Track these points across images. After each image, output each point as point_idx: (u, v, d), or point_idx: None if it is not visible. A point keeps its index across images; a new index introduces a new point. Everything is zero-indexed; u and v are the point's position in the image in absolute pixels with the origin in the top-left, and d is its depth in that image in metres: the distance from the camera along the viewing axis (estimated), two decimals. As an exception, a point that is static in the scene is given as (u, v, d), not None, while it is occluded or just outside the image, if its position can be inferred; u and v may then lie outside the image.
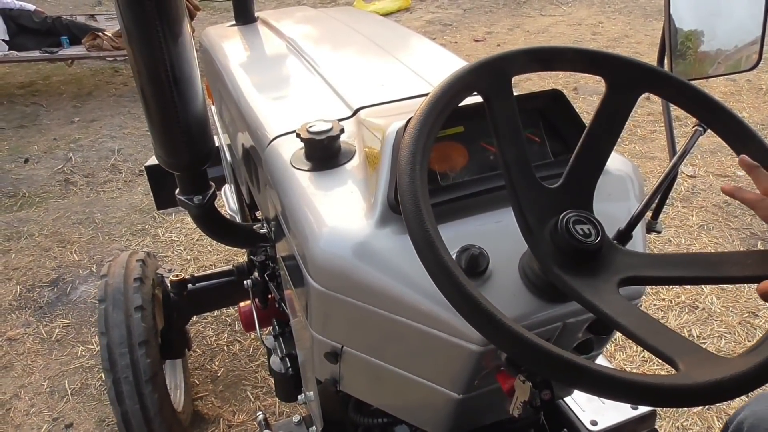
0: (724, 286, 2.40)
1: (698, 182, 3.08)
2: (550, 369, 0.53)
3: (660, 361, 0.57)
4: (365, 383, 0.94)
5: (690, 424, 1.89)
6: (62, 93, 4.49)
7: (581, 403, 1.28)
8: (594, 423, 1.25)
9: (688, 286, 2.42)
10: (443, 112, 0.66)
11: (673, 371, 0.55)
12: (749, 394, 0.57)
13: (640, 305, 0.80)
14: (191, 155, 1.04)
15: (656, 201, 0.86)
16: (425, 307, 0.72)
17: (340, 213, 0.79)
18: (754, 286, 0.62)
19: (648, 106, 3.85)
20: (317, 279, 0.79)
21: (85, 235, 2.83)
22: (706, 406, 1.95)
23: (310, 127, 0.90)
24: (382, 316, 0.76)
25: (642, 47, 5.01)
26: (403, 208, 0.58)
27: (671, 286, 2.42)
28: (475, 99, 0.71)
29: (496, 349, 0.72)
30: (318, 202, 0.82)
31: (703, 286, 2.41)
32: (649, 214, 0.90)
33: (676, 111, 0.84)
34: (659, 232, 0.90)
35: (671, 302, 2.35)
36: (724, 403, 1.92)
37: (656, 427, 1.30)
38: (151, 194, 2.01)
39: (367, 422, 1.02)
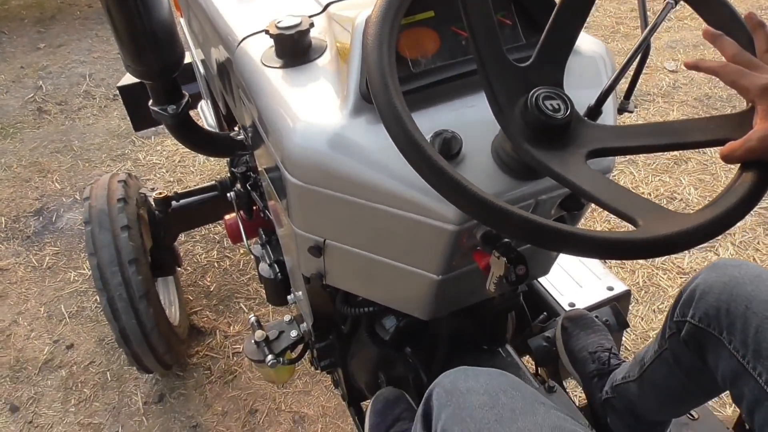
0: (702, 177, 2.46)
1: (680, 77, 3.06)
2: (511, 227, 0.56)
3: None
4: (349, 274, 0.97)
5: (666, 306, 1.99)
6: (23, 18, 4.29)
7: (559, 288, 1.34)
8: (572, 305, 1.31)
9: (667, 179, 2.47)
10: None
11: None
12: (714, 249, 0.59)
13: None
14: (160, 61, 1.02)
15: (629, 80, 0.87)
16: (401, 191, 0.73)
17: (313, 107, 0.79)
18: (731, 175, 0.64)
19: (631, 2, 3.77)
20: (294, 173, 0.80)
21: (65, 163, 2.79)
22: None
23: (278, 23, 0.88)
24: (360, 205, 0.77)
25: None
26: (371, 84, 0.59)
27: (652, 181, 2.46)
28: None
29: (472, 228, 0.75)
30: (291, 97, 0.82)
31: (681, 177, 2.46)
32: (622, 95, 0.91)
33: None
34: (631, 112, 0.90)
35: (650, 195, 2.40)
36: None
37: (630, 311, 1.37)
38: (128, 117, 1.98)
39: (355, 313, 1.06)
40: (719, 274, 0.88)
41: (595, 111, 0.73)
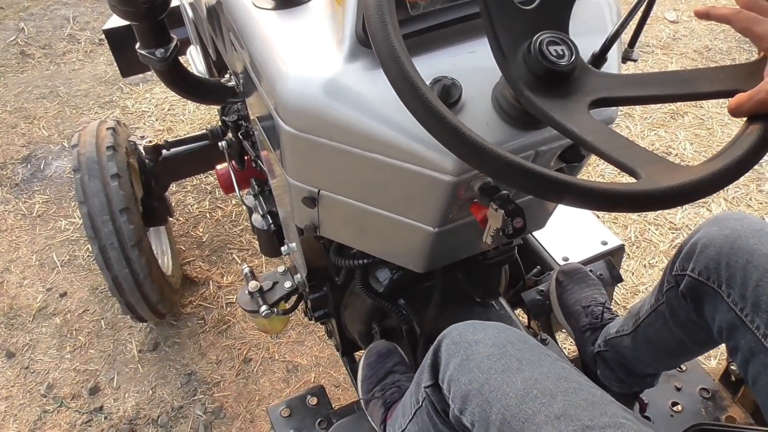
0: (699, 132, 2.44)
1: (680, 28, 3.00)
2: (511, 176, 0.54)
3: None
4: (343, 226, 0.96)
5: (657, 261, 2.00)
6: (2, -43, 4.12)
7: (553, 242, 1.34)
8: (566, 259, 1.31)
9: (663, 134, 2.45)
10: None
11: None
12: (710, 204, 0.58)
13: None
14: (146, 0, 0.97)
15: (633, 27, 0.84)
16: (397, 140, 0.71)
17: (307, 51, 0.76)
18: (727, 130, 0.62)
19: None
20: (288, 121, 0.77)
21: (51, 109, 2.73)
22: (671, 245, 2.05)
23: (270, -39, 0.84)
24: (356, 155, 0.75)
25: None
26: (368, 21, 0.56)
27: (648, 135, 2.44)
28: None
29: (470, 180, 0.73)
30: (284, 41, 0.79)
31: (678, 132, 2.44)
32: (625, 43, 0.88)
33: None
34: (635, 61, 0.88)
35: (646, 150, 2.38)
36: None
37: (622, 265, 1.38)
38: (115, 63, 1.92)
39: (349, 264, 1.05)
40: (721, 227, 0.88)
41: (599, 58, 0.71)
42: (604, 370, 1.16)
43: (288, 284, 1.26)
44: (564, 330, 1.28)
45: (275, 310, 1.24)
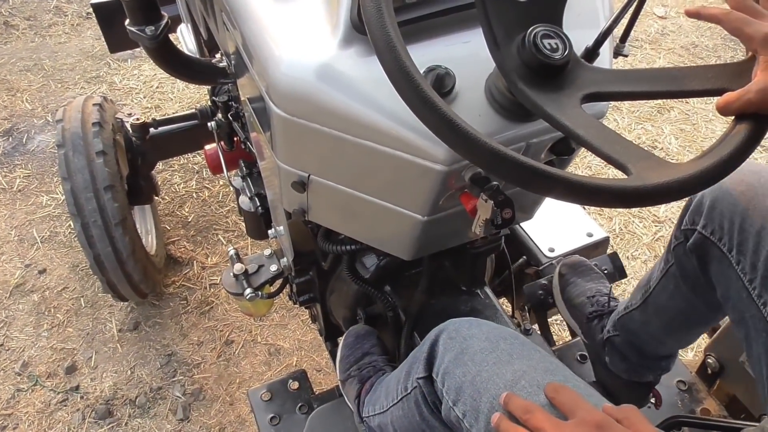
0: (684, 126, 2.46)
1: (668, 23, 3.02)
2: (503, 169, 0.55)
3: None
4: (333, 211, 0.96)
5: (639, 254, 2.03)
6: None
7: (540, 233, 1.35)
8: (551, 250, 1.32)
9: (650, 128, 2.47)
10: None
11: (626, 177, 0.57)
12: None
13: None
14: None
15: (625, 23, 0.84)
16: (390, 128, 0.71)
17: (301, 35, 0.76)
18: (711, 126, 0.63)
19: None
20: (280, 105, 0.77)
21: (35, 82, 2.68)
22: (654, 237, 2.08)
23: (265, -59, 0.82)
24: (347, 141, 0.75)
25: None
26: (364, 9, 0.56)
27: (634, 129, 2.46)
28: None
29: (461, 170, 0.74)
30: (277, 24, 0.78)
31: (664, 126, 2.47)
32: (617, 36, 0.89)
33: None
34: (626, 56, 0.89)
35: (632, 144, 2.40)
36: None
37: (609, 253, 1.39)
38: (103, 38, 1.89)
39: (336, 250, 1.05)
40: (733, 180, 0.81)
41: (592, 53, 0.71)
42: (613, 358, 1.13)
43: (274, 267, 1.26)
44: (566, 322, 1.25)
45: (260, 293, 1.24)
